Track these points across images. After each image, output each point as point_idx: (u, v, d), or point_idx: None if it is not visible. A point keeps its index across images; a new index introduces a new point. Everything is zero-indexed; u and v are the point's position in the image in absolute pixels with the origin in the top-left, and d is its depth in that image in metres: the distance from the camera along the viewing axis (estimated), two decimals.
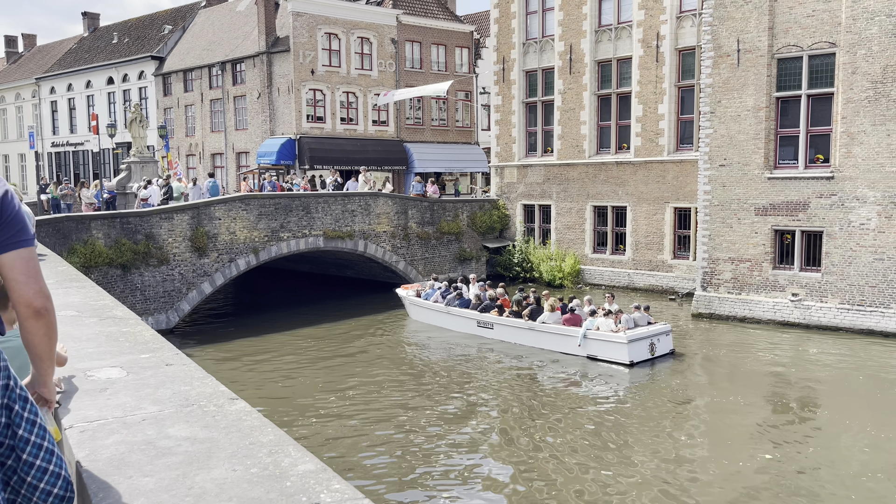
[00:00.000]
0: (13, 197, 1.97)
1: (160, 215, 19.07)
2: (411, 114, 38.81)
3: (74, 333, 3.80)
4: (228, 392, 2.68)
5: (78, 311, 4.54)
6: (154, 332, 3.85)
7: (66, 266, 7.54)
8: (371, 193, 24.62)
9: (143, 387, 2.78)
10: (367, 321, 22.04)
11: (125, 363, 3.13)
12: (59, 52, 54.44)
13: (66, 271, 6.58)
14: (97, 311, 4.51)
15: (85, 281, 5.89)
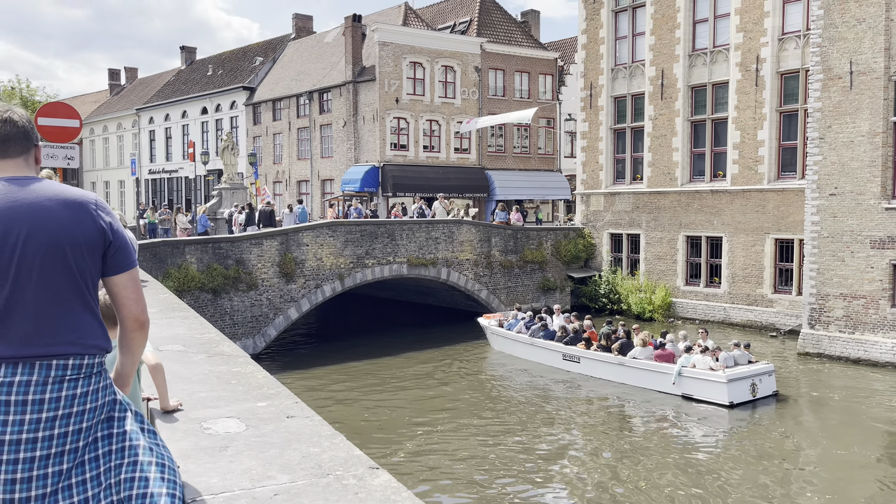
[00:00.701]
0: (120, 224, 2.22)
1: (250, 241, 19.39)
2: (493, 141, 38.64)
3: (184, 373, 3.53)
4: (366, 458, 2.28)
5: (184, 345, 4.30)
6: (266, 374, 3.53)
7: (167, 294, 7.47)
8: (455, 221, 24.40)
9: (267, 446, 2.43)
10: (449, 350, 21.66)
11: (242, 413, 2.80)
12: (158, 84, 57.46)
13: (167, 300, 6.48)
14: (204, 347, 4.26)
15: (188, 311, 5.72)
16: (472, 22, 38.69)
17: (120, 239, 2.15)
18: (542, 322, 19.85)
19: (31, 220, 2.01)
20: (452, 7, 41.45)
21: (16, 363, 1.95)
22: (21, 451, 1.91)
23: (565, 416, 15.47)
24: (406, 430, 14.50)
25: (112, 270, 2.15)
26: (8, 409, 1.91)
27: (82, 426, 1.99)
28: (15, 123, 2.15)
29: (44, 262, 2.00)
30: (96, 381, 2.05)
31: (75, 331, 2.02)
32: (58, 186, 2.13)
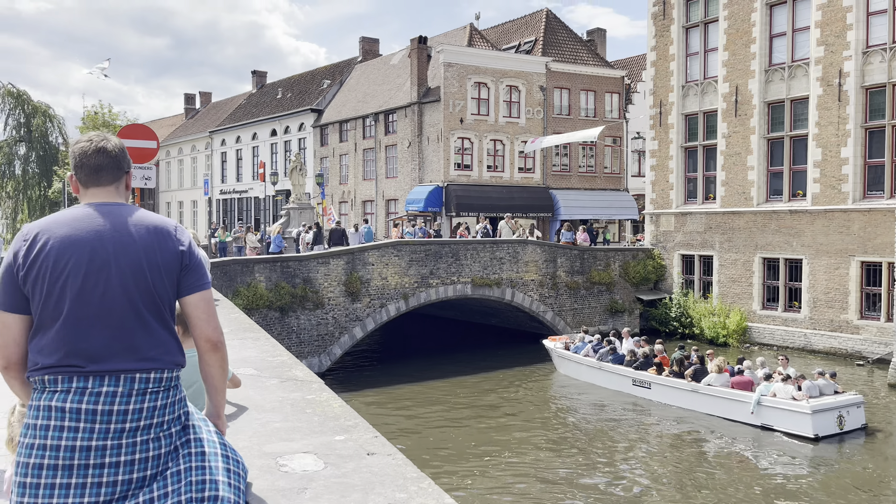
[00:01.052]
0: (195, 244, 2.33)
1: (317, 260, 19.57)
2: (558, 160, 38.20)
3: (256, 399, 3.38)
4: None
5: (256, 368, 4.16)
6: (342, 403, 3.34)
7: (238, 313, 7.44)
8: (519, 241, 24.07)
9: (349, 489, 2.22)
10: (513, 373, 21.25)
11: (319, 447, 2.61)
12: (230, 107, 59.44)
13: (238, 319, 6.42)
14: (276, 371, 4.11)
15: (259, 332, 5.63)
16: (538, 41, 38.52)
17: (195, 262, 2.29)
18: (610, 346, 19.26)
19: (116, 244, 2.17)
20: (517, 27, 41.43)
21: (102, 376, 2.10)
22: (107, 456, 2.06)
23: (635, 444, 14.85)
24: (471, 455, 14.18)
25: (186, 291, 2.28)
26: (95, 418, 2.06)
27: (161, 435, 2.15)
28: (108, 153, 2.29)
29: (127, 283, 2.15)
30: (173, 395, 2.21)
31: (155, 347, 2.17)
32: (141, 213, 2.28)
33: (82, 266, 2.13)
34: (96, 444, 2.05)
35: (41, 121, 52.37)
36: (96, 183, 2.29)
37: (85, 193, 2.30)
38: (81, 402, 2.07)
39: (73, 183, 2.33)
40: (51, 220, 2.22)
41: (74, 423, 2.05)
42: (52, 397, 2.08)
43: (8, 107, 51.48)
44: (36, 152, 52.35)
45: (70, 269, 2.12)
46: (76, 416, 2.05)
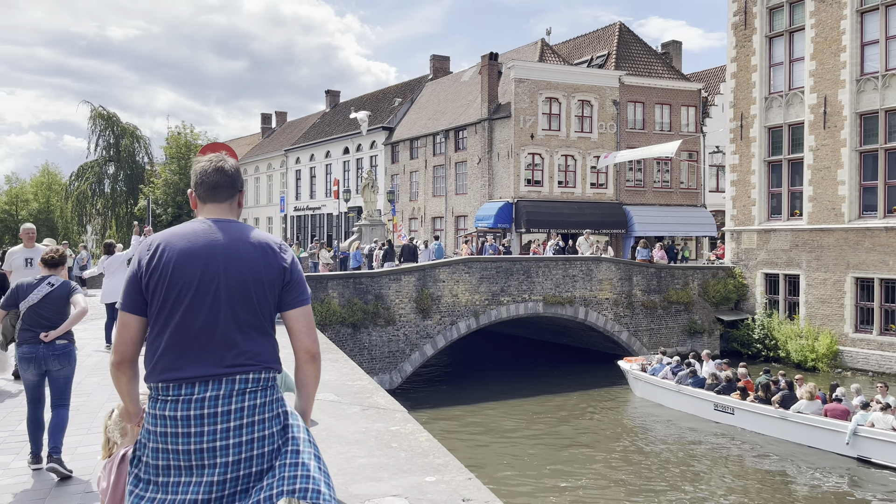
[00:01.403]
0: (297, 261, 2.46)
1: (389, 276, 19.58)
2: (632, 175, 37.32)
3: (339, 430, 3.20)
4: None
5: (336, 394, 4.00)
6: (429, 436, 3.12)
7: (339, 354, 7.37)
8: (593, 258, 23.49)
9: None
10: (586, 394, 20.65)
11: (409, 490, 2.39)
12: (304, 126, 60.97)
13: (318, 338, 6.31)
14: (357, 397, 3.93)
15: (337, 352, 5.50)
16: (611, 55, 37.90)
17: (296, 278, 2.44)
18: (690, 368, 18.46)
19: (226, 257, 2.34)
20: (589, 42, 40.91)
21: (206, 381, 2.26)
22: (218, 456, 2.22)
23: (717, 473, 14.08)
24: (543, 479, 13.75)
25: (287, 306, 2.42)
26: (204, 421, 2.23)
27: (265, 433, 2.29)
28: (225, 172, 2.49)
29: (233, 295, 2.31)
30: (271, 394, 2.35)
31: (254, 354, 2.33)
32: (249, 230, 2.45)
33: (196, 277, 2.30)
34: (208, 446, 2.21)
35: (129, 141, 55.06)
36: (213, 199, 2.48)
37: (202, 209, 2.50)
38: (189, 409, 2.24)
39: (193, 199, 2.53)
40: (172, 232, 2.40)
41: (186, 430, 2.22)
42: (165, 406, 2.26)
43: (99, 128, 54.37)
44: (124, 171, 55.01)
45: (185, 279, 2.30)
46: (186, 423, 2.22)
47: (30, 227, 8.32)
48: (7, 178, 69.73)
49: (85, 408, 6.92)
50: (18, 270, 7.96)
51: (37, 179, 68.35)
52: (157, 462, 2.25)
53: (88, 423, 6.34)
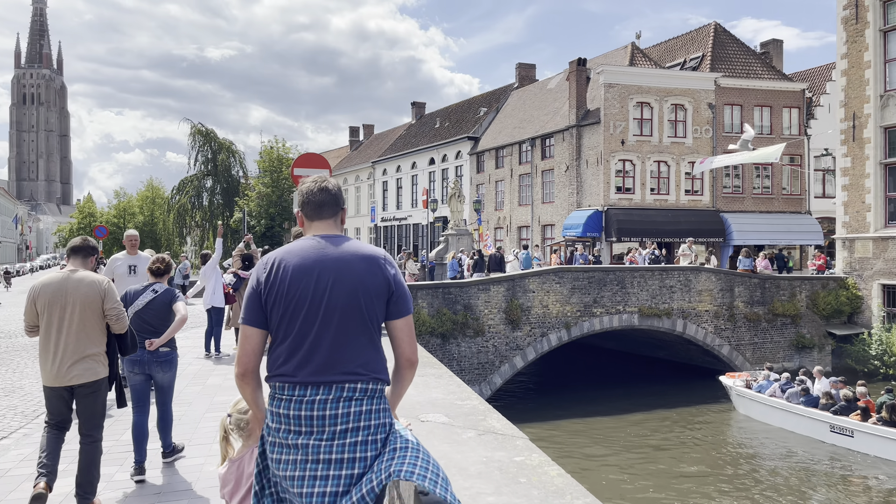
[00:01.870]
0: (399, 273, 2.58)
1: (478, 286, 19.26)
2: (729, 182, 35.58)
3: (457, 459, 2.86)
4: None
5: (447, 415, 3.67)
6: (559, 470, 2.74)
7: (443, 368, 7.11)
8: (692, 268, 22.37)
9: None
10: (685, 411, 19.59)
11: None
12: (391, 138, 61.79)
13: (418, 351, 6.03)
14: (470, 419, 3.58)
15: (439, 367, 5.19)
16: (705, 57, 36.39)
17: (401, 289, 2.56)
18: (802, 385, 17.17)
19: (336, 271, 2.47)
20: (682, 44, 39.46)
21: (318, 385, 2.42)
22: (333, 452, 2.37)
23: (835, 501, 12.92)
24: (634, 495, 13.01)
25: (392, 316, 2.54)
26: (312, 422, 2.39)
27: (368, 439, 2.40)
28: (329, 191, 2.66)
29: (343, 306, 2.45)
30: (377, 403, 2.45)
31: (362, 363, 2.45)
32: (356, 243, 2.58)
33: (309, 291, 2.45)
34: (317, 442, 2.36)
35: (225, 156, 57.33)
36: (319, 217, 2.65)
37: (309, 226, 2.66)
38: (301, 409, 2.40)
39: (300, 217, 2.70)
40: (285, 250, 2.56)
41: (297, 428, 2.39)
42: (281, 405, 2.43)
43: (198, 144, 56.88)
44: (220, 185, 57.30)
45: (299, 293, 2.46)
46: (298, 421, 2.39)
47: (133, 234, 8.20)
48: (116, 193, 74.03)
49: (186, 417, 6.91)
50: (121, 278, 7.93)
51: (142, 194, 72.26)
52: (278, 456, 2.42)
53: (190, 434, 6.29)
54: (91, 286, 4.49)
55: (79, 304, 4.42)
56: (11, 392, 8.84)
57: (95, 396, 4.46)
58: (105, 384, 4.55)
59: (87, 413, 4.44)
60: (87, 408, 4.44)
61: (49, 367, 4.38)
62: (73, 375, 4.37)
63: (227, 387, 8.21)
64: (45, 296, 4.44)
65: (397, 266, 2.63)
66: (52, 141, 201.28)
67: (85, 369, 4.40)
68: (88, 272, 4.62)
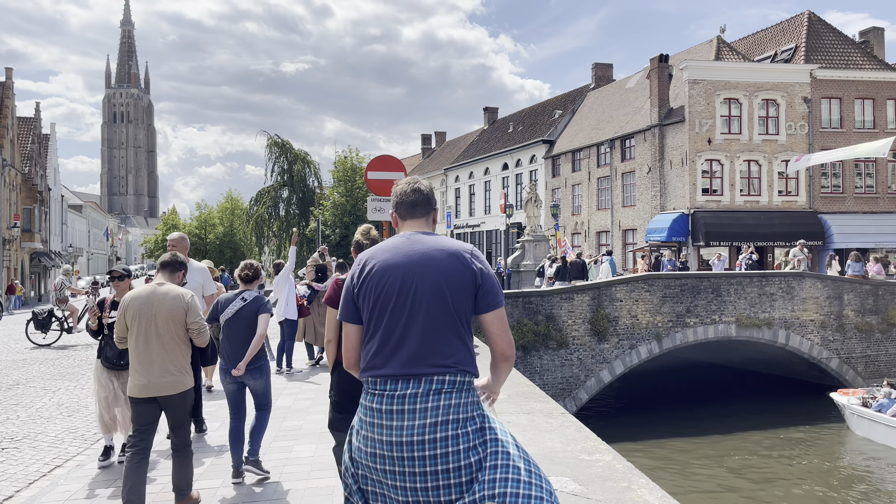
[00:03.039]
0: (488, 267, 2.63)
1: (560, 295, 18.12)
2: (827, 181, 33.05)
3: None
4: None
5: (575, 478, 2.70)
6: None
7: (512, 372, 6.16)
8: (794, 273, 20.53)
9: None
10: (792, 432, 17.85)
11: None
12: (463, 144, 61.15)
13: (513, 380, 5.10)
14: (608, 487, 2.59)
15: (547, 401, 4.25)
16: (799, 48, 34.01)
17: (488, 282, 2.55)
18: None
19: (422, 267, 2.52)
20: (772, 35, 37.11)
21: (408, 379, 2.45)
22: (416, 450, 2.36)
23: None
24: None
25: (482, 309, 2.55)
26: (404, 416, 2.40)
27: (459, 432, 2.38)
28: (422, 192, 2.76)
29: (430, 301, 2.48)
30: (465, 397, 2.45)
31: (450, 356, 2.47)
32: (444, 239, 2.62)
33: (396, 286, 2.49)
34: (408, 439, 2.36)
35: (300, 167, 57.94)
36: (411, 216, 2.69)
37: (402, 225, 2.71)
38: (392, 403, 2.42)
39: (394, 218, 2.74)
40: (377, 248, 2.61)
41: (389, 422, 2.41)
42: (373, 399, 2.47)
43: (274, 155, 57.69)
44: (296, 195, 57.95)
45: (387, 288, 2.50)
46: (389, 415, 2.41)
47: (174, 238, 7.20)
48: (197, 205, 76.32)
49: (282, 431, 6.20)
50: None
51: (222, 205, 74.10)
52: (366, 448, 2.43)
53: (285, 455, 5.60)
54: (175, 300, 4.61)
55: (163, 317, 4.55)
56: (75, 412, 8.40)
57: (183, 406, 4.58)
58: (192, 394, 4.65)
59: (176, 422, 4.56)
60: (176, 418, 4.55)
61: (137, 378, 4.47)
62: (160, 386, 4.46)
63: (298, 409, 7.51)
64: (133, 308, 4.57)
65: (485, 261, 2.58)
66: (141, 157, 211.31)
67: (172, 381, 4.49)
68: (174, 286, 4.75)
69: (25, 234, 46.18)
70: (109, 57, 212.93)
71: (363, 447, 2.44)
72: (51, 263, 56.75)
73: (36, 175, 49.71)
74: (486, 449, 2.38)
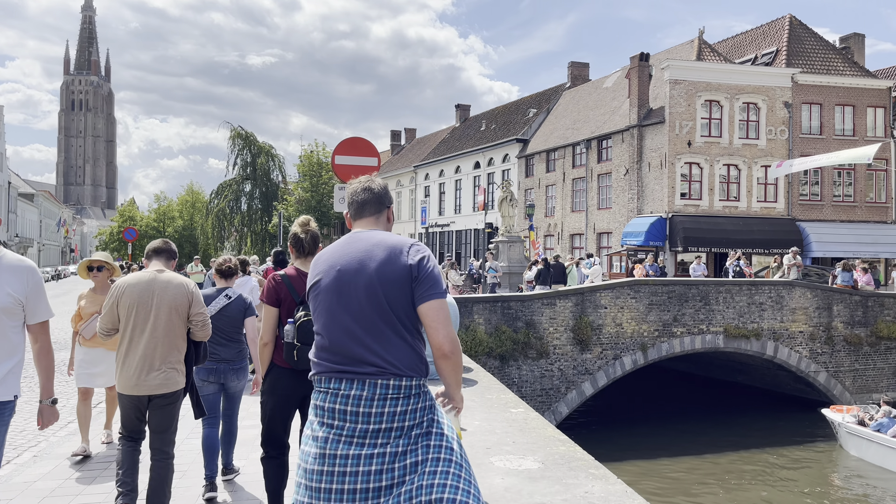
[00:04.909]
0: (428, 259, 2.52)
1: (542, 301, 16.78)
2: (806, 188, 32.46)
3: None
4: None
5: None
6: None
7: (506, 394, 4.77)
8: (784, 282, 19.55)
9: None
10: (782, 450, 16.81)
11: None
12: (434, 142, 59.71)
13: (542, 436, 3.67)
14: None
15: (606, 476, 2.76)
16: (780, 52, 33.39)
17: (424, 273, 2.44)
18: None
19: (359, 262, 2.47)
20: (753, 38, 36.50)
21: (351, 379, 2.38)
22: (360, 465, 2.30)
23: None
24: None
25: (417, 300, 2.43)
26: (345, 418, 2.36)
27: (401, 441, 2.33)
28: (372, 191, 2.71)
29: (363, 298, 2.42)
30: (415, 402, 2.38)
31: (391, 356, 2.38)
32: (385, 235, 2.57)
33: (334, 284, 2.48)
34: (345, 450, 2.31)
35: (264, 160, 55.89)
36: (361, 216, 2.69)
37: (354, 225, 2.71)
38: (336, 402, 2.38)
39: (347, 219, 2.75)
40: (327, 248, 2.65)
41: (330, 421, 2.36)
42: (318, 396, 2.45)
43: (237, 147, 55.55)
44: (259, 189, 55.88)
45: (327, 286, 2.50)
46: (332, 414, 2.37)
47: None
48: (156, 197, 73.53)
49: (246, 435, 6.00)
50: None
51: (182, 198, 71.50)
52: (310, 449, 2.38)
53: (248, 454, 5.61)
54: (179, 288, 4.23)
55: (165, 308, 4.17)
56: None
57: (172, 408, 4.22)
58: (182, 395, 4.30)
59: (162, 426, 4.20)
60: (163, 420, 4.19)
61: (129, 373, 4.12)
62: (153, 384, 4.13)
63: None
64: (130, 296, 4.17)
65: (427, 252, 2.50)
66: (99, 146, 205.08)
67: (165, 378, 4.16)
68: (176, 274, 4.34)
69: None
70: (69, 43, 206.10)
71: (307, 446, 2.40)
72: None
73: None
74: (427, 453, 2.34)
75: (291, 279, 3.89)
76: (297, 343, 3.67)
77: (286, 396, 3.78)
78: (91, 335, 5.98)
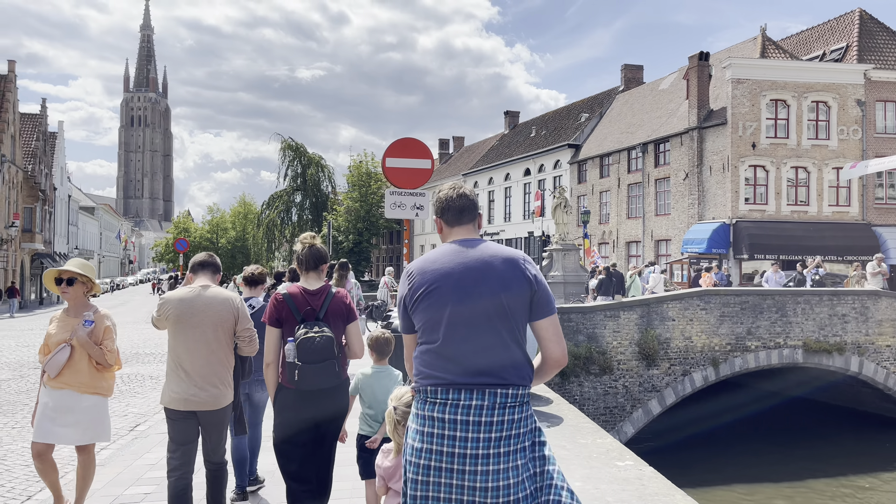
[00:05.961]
0: (540, 274, 2.58)
1: (604, 312, 15.74)
2: (882, 191, 30.50)
3: None
4: None
5: None
6: None
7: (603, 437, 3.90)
8: (870, 292, 18.01)
9: None
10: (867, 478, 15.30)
11: None
12: (482, 150, 58.93)
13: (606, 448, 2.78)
14: None
15: None
16: (850, 47, 31.55)
17: (543, 289, 2.52)
18: None
19: (478, 273, 2.47)
20: (819, 34, 34.65)
21: (471, 389, 2.38)
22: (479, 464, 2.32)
23: None
24: None
25: (537, 316, 2.51)
26: (468, 428, 2.35)
27: (519, 447, 2.37)
28: (468, 197, 2.72)
29: (488, 308, 2.43)
30: (525, 410, 2.43)
31: (512, 366, 2.41)
32: (495, 246, 2.59)
33: (451, 295, 2.45)
34: (470, 452, 2.32)
35: (314, 171, 55.99)
36: (460, 222, 2.68)
37: (450, 232, 2.68)
38: (456, 413, 2.36)
39: (439, 224, 2.71)
40: (424, 258, 2.61)
41: (451, 433, 2.35)
42: (433, 408, 2.40)
43: (288, 159, 55.81)
44: (310, 199, 55.99)
45: (443, 297, 2.45)
46: (453, 425, 2.35)
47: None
48: (210, 209, 74.63)
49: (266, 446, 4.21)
50: None
51: (235, 209, 72.41)
52: (419, 461, 2.37)
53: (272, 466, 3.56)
54: (224, 304, 4.18)
55: (210, 324, 4.11)
56: None
57: (223, 424, 4.17)
58: (230, 410, 4.24)
59: (213, 441, 4.16)
60: (213, 434, 4.14)
61: (177, 388, 4.03)
62: (201, 400, 4.04)
63: None
64: (174, 311, 4.09)
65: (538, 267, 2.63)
66: (157, 161, 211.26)
67: (214, 395, 4.07)
68: (221, 289, 4.29)
69: (26, 234, 44.42)
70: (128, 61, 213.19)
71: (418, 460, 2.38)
72: (53, 265, 55.14)
73: (40, 174, 48.01)
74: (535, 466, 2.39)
75: (294, 298, 3.80)
76: (297, 362, 3.59)
77: (292, 418, 3.67)
78: (57, 372, 4.36)
